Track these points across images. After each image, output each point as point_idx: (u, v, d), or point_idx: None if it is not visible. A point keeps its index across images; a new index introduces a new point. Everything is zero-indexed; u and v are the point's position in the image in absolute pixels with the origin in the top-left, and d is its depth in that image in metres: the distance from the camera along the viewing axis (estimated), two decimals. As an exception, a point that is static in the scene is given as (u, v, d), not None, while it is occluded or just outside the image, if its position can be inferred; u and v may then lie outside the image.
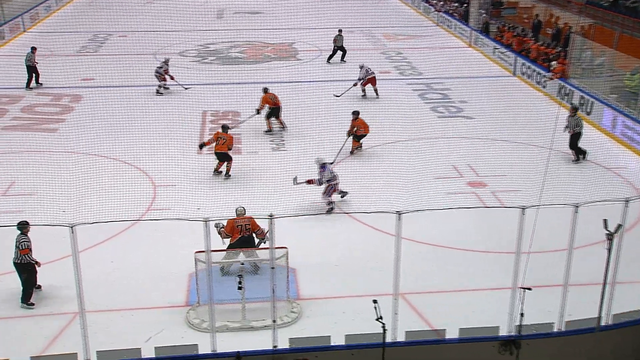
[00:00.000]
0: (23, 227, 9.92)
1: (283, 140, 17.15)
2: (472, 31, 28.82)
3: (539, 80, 21.96)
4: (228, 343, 8.74)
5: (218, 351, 8.52)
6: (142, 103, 19.98)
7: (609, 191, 13.42)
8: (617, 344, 8.87)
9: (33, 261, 9.94)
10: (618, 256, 8.55)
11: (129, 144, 16.19)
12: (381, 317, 7.64)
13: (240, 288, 8.96)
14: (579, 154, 15.86)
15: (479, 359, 8.58)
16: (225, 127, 15.03)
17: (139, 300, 10.15)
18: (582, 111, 18.17)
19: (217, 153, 14.70)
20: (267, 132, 17.74)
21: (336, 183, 13.16)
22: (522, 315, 8.24)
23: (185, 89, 21.00)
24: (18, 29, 29.33)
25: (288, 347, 8.37)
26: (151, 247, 11.66)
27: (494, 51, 25.99)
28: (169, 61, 21.22)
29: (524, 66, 23.29)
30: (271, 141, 17.19)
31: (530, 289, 8.31)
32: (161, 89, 20.89)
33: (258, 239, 10.79)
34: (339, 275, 10.89)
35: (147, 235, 11.92)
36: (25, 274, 9.96)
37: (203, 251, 8.61)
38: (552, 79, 20.95)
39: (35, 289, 10.23)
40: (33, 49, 21.83)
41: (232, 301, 9.41)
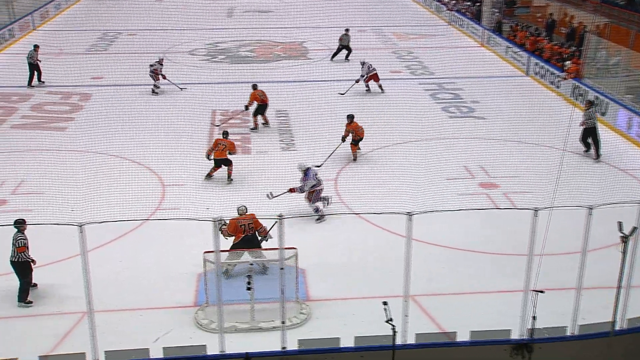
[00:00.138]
0: (20, 225, 9.87)
1: (293, 140, 17.08)
2: (485, 30, 28.63)
3: (552, 80, 21.76)
4: (236, 344, 8.72)
5: (226, 352, 8.47)
6: (152, 102, 19.98)
7: (623, 193, 13.27)
8: (632, 348, 8.73)
9: (29, 259, 9.90)
10: (633, 259, 8.41)
11: (138, 143, 16.21)
12: (391, 319, 7.54)
13: (249, 288, 8.90)
14: (596, 149, 15.97)
15: (491, 362, 8.48)
16: (225, 133, 14.90)
17: (147, 300, 10.11)
18: (597, 112, 17.95)
19: (217, 159, 14.43)
20: (252, 129, 17.81)
21: (321, 189, 12.84)
22: (534, 318, 8.13)
23: (180, 89, 20.83)
24: (28, 27, 29.45)
25: (297, 348, 8.31)
26: (160, 247, 11.62)
27: (507, 51, 25.80)
28: (162, 61, 20.95)
29: (537, 66, 23.09)
30: (281, 141, 17.13)
31: (542, 291, 8.17)
32: (157, 89, 20.69)
33: (260, 237, 10.73)
34: (349, 276, 10.81)
35: (156, 235, 11.87)
36: (22, 272, 9.91)
37: (212, 251, 8.57)
38: (566, 79, 20.75)
39: (31, 287, 10.17)
40: (36, 47, 21.88)
41: (241, 302, 9.34)
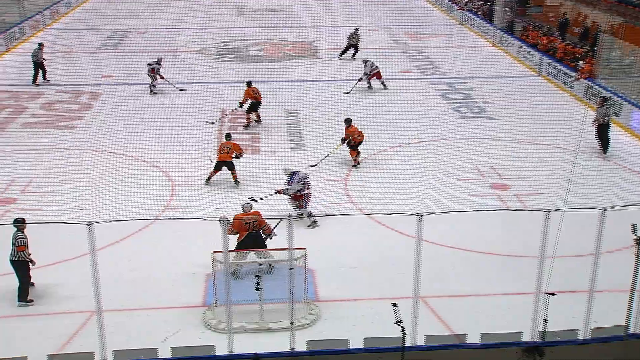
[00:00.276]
0: (19, 224, 9.85)
1: (302, 140, 17.03)
2: (497, 30, 28.44)
3: (565, 80, 21.58)
4: (245, 344, 8.69)
5: (235, 352, 8.46)
6: (161, 101, 19.99)
7: (637, 195, 13.12)
8: (645, 352, 8.63)
9: (28, 259, 9.88)
10: (647, 262, 8.30)
11: (148, 142, 16.21)
12: (401, 321, 7.48)
13: (258, 289, 8.87)
14: (604, 145, 15.85)
15: (501, 365, 8.40)
16: (228, 136, 14.79)
17: (155, 300, 10.09)
18: (611, 109, 17.73)
19: (220, 162, 14.11)
20: (245, 126, 17.89)
21: (309, 193, 12.62)
22: (545, 321, 8.05)
23: (180, 90, 20.77)
24: (38, 26, 29.54)
25: (306, 349, 8.28)
26: (168, 247, 11.61)
27: (519, 50, 25.62)
28: (161, 60, 20.84)
29: (549, 66, 22.89)
30: (290, 140, 17.09)
31: (554, 294, 8.08)
32: (154, 89, 20.64)
33: (265, 235, 10.68)
34: (358, 277, 10.76)
35: (164, 234, 11.87)
36: (21, 272, 9.89)
37: (221, 251, 8.55)
38: (579, 79, 20.56)
39: (30, 286, 10.14)
40: (40, 45, 21.95)
41: (250, 302, 9.29)
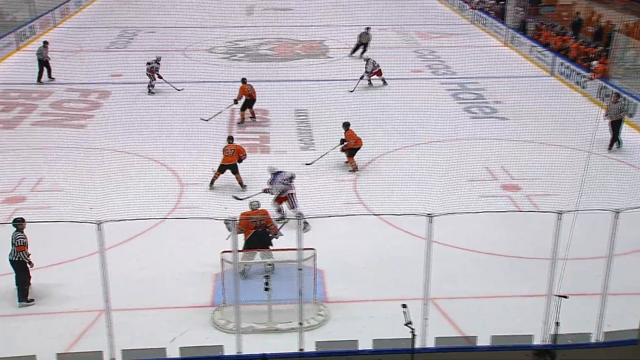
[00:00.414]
0: (19, 224, 9.82)
1: (312, 140, 16.98)
2: (509, 29, 28.29)
3: (578, 80, 21.40)
4: (253, 345, 8.64)
5: (243, 353, 8.40)
6: (170, 100, 20.00)
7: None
8: (659, 357, 8.52)
9: (27, 260, 9.83)
10: (661, 265, 8.21)
11: (157, 141, 16.22)
12: (410, 322, 7.41)
13: (267, 289, 8.83)
14: (614, 142, 15.76)
15: (512, 368, 8.32)
16: (230, 138, 14.54)
17: (164, 299, 10.07)
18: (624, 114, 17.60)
19: (223, 165, 13.90)
20: (239, 123, 18.00)
21: (292, 193, 12.51)
22: (557, 324, 7.97)
23: (177, 90, 20.76)
24: (48, 24, 29.70)
25: (314, 350, 8.23)
26: (177, 246, 11.59)
27: (531, 50, 25.45)
28: (160, 59, 20.86)
29: (562, 66, 22.73)
30: (300, 140, 17.04)
31: (566, 296, 7.99)
32: (152, 89, 20.64)
33: (271, 234, 10.65)
34: (368, 278, 10.70)
35: (173, 234, 11.85)
36: (20, 272, 9.86)
37: (229, 251, 8.52)
38: (592, 79, 20.38)
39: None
40: (45, 43, 22.09)
41: (258, 302, 9.25)
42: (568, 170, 14.07)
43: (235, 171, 14.01)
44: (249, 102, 18.05)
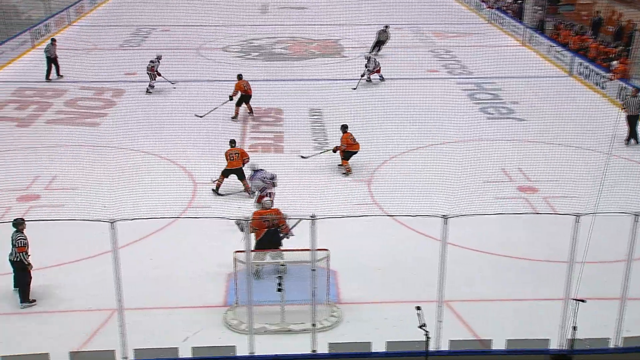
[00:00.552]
0: (19, 224, 9.77)
1: (327, 139, 16.90)
2: (527, 29, 28.01)
3: (597, 81, 21.13)
4: (266, 346, 8.59)
5: (256, 354, 8.36)
6: (184, 99, 20.00)
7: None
8: (679, 363, 8.36)
9: (26, 261, 9.76)
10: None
11: (171, 140, 16.21)
12: (424, 325, 7.34)
13: (280, 290, 8.76)
14: (632, 137, 15.67)
15: (528, 373, 8.21)
16: (232, 142, 14.08)
17: (176, 299, 10.04)
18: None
19: (229, 170, 13.54)
20: (233, 118, 18.16)
21: (271, 193, 12.27)
22: (574, 328, 7.84)
23: (174, 87, 20.76)
24: (63, 23, 29.90)
25: (327, 352, 8.18)
26: (190, 246, 11.57)
27: (550, 50, 25.18)
28: (161, 58, 20.82)
29: (581, 66, 22.45)
30: (314, 140, 16.97)
31: (584, 301, 7.86)
32: (151, 88, 20.59)
33: (282, 234, 10.59)
34: (382, 279, 10.60)
35: (186, 233, 11.83)
36: (20, 272, 9.82)
37: (242, 251, 8.47)
38: (612, 79, 20.10)
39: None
40: (53, 41, 22.20)
41: (271, 303, 9.20)
42: (586, 172, 13.89)
43: (241, 177, 13.60)
44: (245, 98, 18.22)
